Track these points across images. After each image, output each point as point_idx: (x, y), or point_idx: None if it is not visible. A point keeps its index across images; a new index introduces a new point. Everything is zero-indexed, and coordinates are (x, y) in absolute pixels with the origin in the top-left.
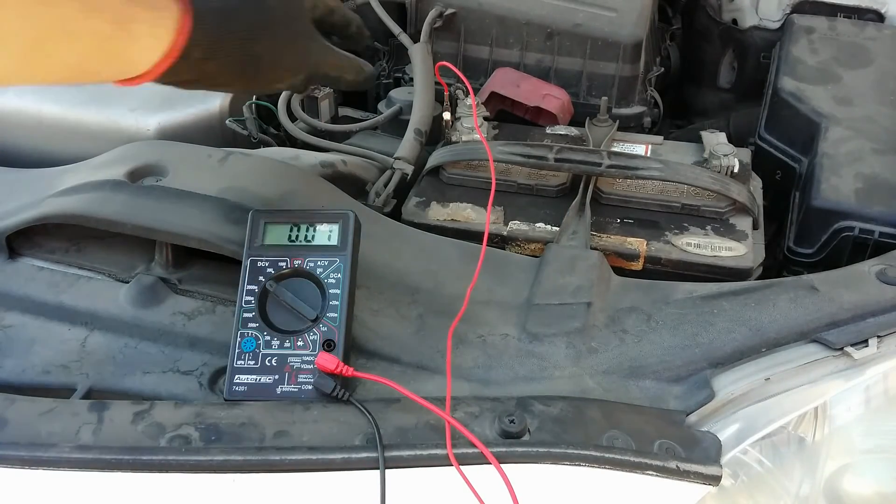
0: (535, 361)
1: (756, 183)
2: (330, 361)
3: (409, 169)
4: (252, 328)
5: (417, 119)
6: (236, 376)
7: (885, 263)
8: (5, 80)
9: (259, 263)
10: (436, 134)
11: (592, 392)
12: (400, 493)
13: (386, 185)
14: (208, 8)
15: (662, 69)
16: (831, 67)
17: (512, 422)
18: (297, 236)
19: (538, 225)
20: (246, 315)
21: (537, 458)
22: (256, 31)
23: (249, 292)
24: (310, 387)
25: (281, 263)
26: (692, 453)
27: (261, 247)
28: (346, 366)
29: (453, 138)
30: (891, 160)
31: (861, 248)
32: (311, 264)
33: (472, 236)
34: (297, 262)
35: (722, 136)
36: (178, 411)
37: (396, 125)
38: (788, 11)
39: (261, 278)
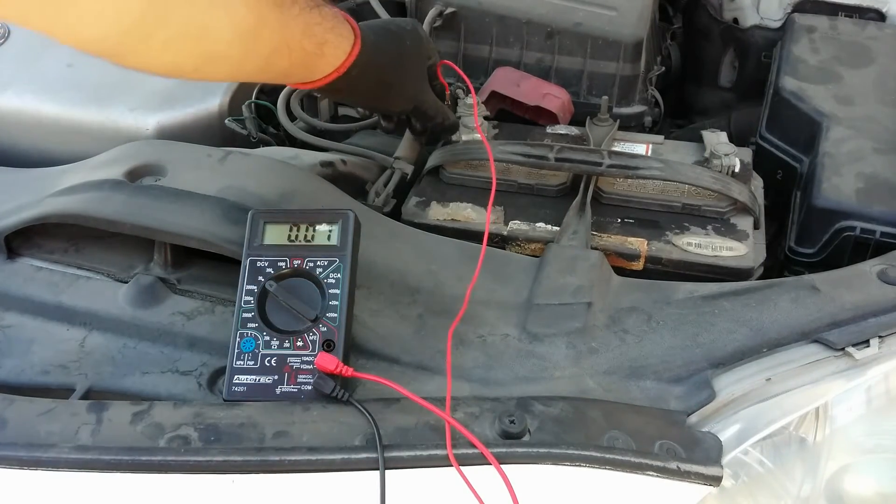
0: (536, 361)
1: (757, 182)
2: (329, 362)
3: (409, 169)
4: (251, 328)
5: None
6: (235, 377)
7: (886, 263)
8: (237, 75)
9: (258, 263)
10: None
11: (593, 392)
12: (400, 494)
13: (386, 185)
14: (369, 41)
15: (663, 68)
16: (832, 67)
17: (512, 422)
18: (296, 236)
19: (538, 225)
20: (245, 315)
21: (537, 458)
22: (394, 65)
23: (249, 292)
24: (309, 387)
25: (280, 263)
26: (693, 454)
27: (260, 247)
28: (345, 366)
29: (453, 138)
30: (892, 160)
31: (862, 248)
32: (311, 264)
33: (472, 236)
34: (296, 262)
35: (723, 136)
36: (177, 411)
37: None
38: (789, 10)
39: (260, 278)
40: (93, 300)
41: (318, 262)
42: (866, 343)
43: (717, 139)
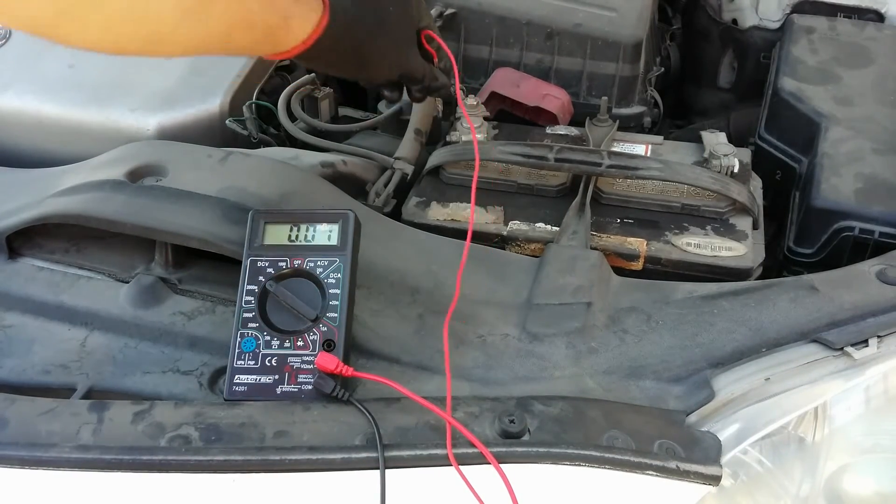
0: (535, 361)
1: (756, 183)
2: (330, 361)
3: (409, 169)
4: (252, 328)
5: (417, 119)
6: (236, 376)
7: (885, 263)
8: (195, 52)
9: (259, 263)
10: (436, 134)
11: (592, 392)
12: (400, 494)
13: (386, 185)
14: (341, 11)
15: (662, 69)
16: (831, 67)
17: (512, 422)
18: (296, 236)
19: (538, 225)
20: (246, 315)
21: (537, 458)
22: (372, 36)
23: (249, 292)
24: (310, 387)
25: (281, 263)
26: (692, 453)
27: (260, 247)
28: (345, 366)
29: (453, 138)
30: (891, 160)
31: (861, 248)
32: (311, 264)
33: (472, 236)
34: (297, 262)
35: (722, 136)
36: (178, 411)
37: (396, 125)
38: (788, 11)
39: (261, 278)
40: (94, 300)
41: (319, 262)
42: (865, 343)
43: (716, 140)
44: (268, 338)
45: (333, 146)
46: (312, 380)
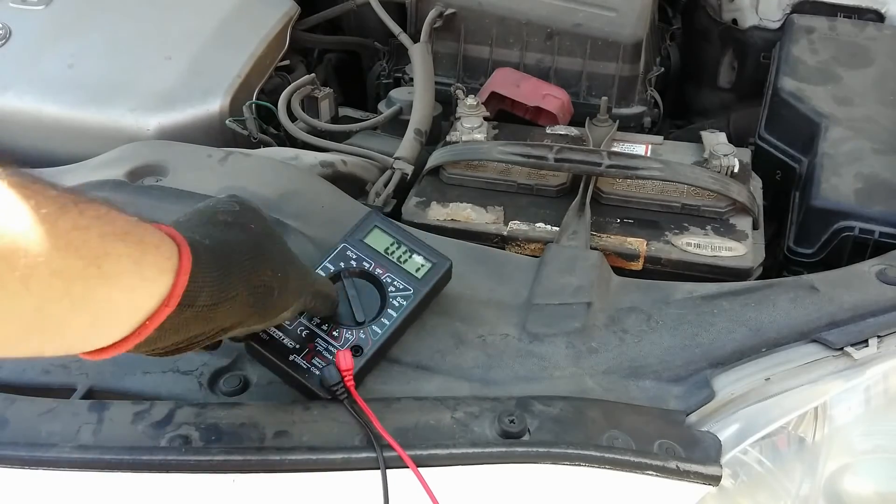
0: (535, 361)
1: (756, 183)
2: (346, 362)
3: (409, 169)
4: None
5: (417, 119)
6: (272, 328)
7: (885, 263)
8: None
9: (348, 253)
10: (436, 134)
11: (592, 392)
12: (400, 493)
13: (386, 185)
14: (202, 244)
15: (662, 69)
16: (831, 67)
17: (512, 422)
18: (393, 252)
19: (538, 225)
20: None
21: (537, 458)
22: (258, 257)
23: (325, 269)
24: (317, 372)
25: (365, 264)
26: (692, 453)
27: (359, 242)
28: (353, 378)
29: (453, 138)
30: (891, 160)
31: (861, 248)
32: (388, 279)
33: (472, 236)
34: (378, 271)
35: (722, 136)
36: (178, 411)
37: (396, 125)
38: (788, 11)
39: (342, 264)
40: None
41: (395, 282)
42: (865, 343)
43: (716, 140)
44: None
45: (333, 146)
46: (323, 367)
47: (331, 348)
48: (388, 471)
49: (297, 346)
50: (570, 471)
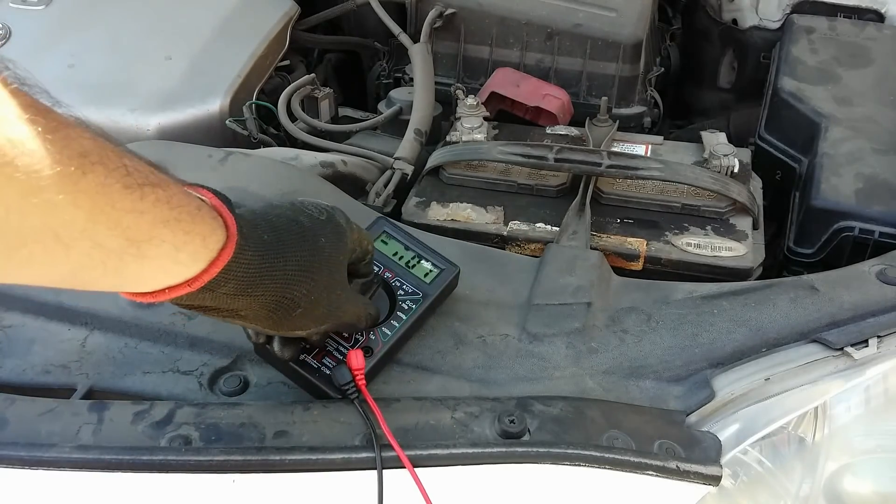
0: (535, 361)
1: (756, 183)
2: (357, 362)
3: (409, 169)
4: None
5: (417, 119)
6: None
7: (885, 263)
8: None
9: None
10: (436, 134)
11: (592, 392)
12: (399, 493)
13: (386, 185)
14: (257, 241)
15: (662, 69)
16: (831, 67)
17: (512, 422)
18: (402, 257)
19: (538, 225)
20: None
21: (537, 458)
22: (302, 274)
23: None
24: (328, 371)
25: (375, 268)
26: (692, 453)
27: None
28: (363, 380)
29: (453, 138)
30: (891, 160)
31: (861, 248)
32: (397, 284)
33: (472, 236)
34: (387, 275)
35: (722, 136)
36: (178, 411)
37: (396, 125)
38: (788, 11)
39: None
40: (94, 300)
41: (404, 286)
42: (865, 343)
43: (716, 140)
44: None
45: (333, 146)
46: (333, 366)
47: (341, 348)
48: (388, 471)
49: (308, 346)
50: (570, 471)
